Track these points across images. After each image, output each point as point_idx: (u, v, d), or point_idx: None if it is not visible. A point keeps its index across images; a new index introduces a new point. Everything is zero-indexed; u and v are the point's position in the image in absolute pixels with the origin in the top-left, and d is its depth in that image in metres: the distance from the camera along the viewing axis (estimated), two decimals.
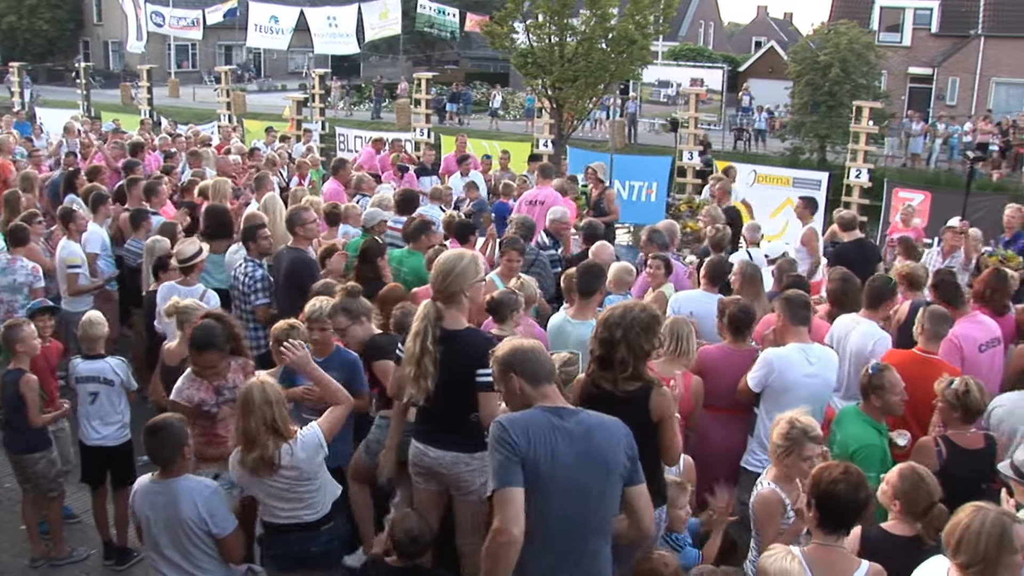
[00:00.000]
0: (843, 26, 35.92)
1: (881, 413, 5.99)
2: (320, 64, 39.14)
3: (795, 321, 6.55)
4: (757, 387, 6.49)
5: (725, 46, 69.76)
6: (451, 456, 5.68)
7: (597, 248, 9.26)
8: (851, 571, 4.30)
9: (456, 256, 5.62)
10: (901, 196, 18.87)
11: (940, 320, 6.86)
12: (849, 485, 4.37)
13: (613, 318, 5.12)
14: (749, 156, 34.64)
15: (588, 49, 24.98)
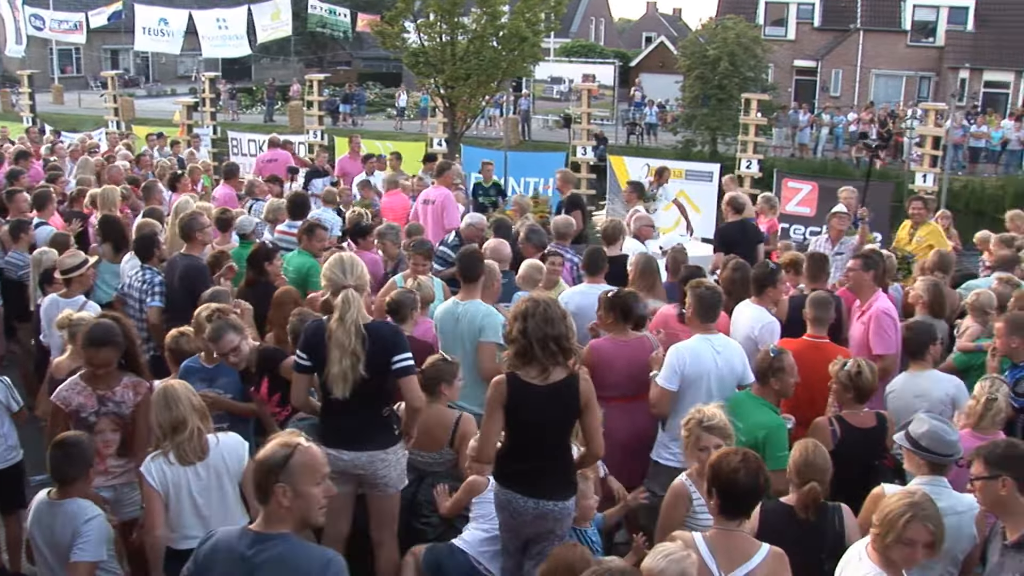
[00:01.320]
0: (730, 21, 36.62)
1: (777, 396, 6.13)
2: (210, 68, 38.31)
3: (706, 319, 6.61)
4: (673, 384, 6.43)
5: (616, 42, 70.40)
6: (366, 456, 5.66)
7: (493, 244, 9.24)
8: (752, 553, 4.36)
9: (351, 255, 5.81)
10: (790, 186, 19.26)
11: (823, 305, 7.04)
12: (748, 471, 4.42)
13: (525, 310, 5.19)
14: (642, 150, 35.07)
15: (479, 47, 24.98)
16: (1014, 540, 4.32)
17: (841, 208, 11.63)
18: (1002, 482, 4.30)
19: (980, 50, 44.62)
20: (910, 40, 46.81)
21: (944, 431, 5.08)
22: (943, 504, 4.94)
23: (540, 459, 5.31)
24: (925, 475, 5.06)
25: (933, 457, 5.03)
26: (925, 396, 6.45)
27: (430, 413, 6.23)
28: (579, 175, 21.78)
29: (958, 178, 31.95)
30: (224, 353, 6.32)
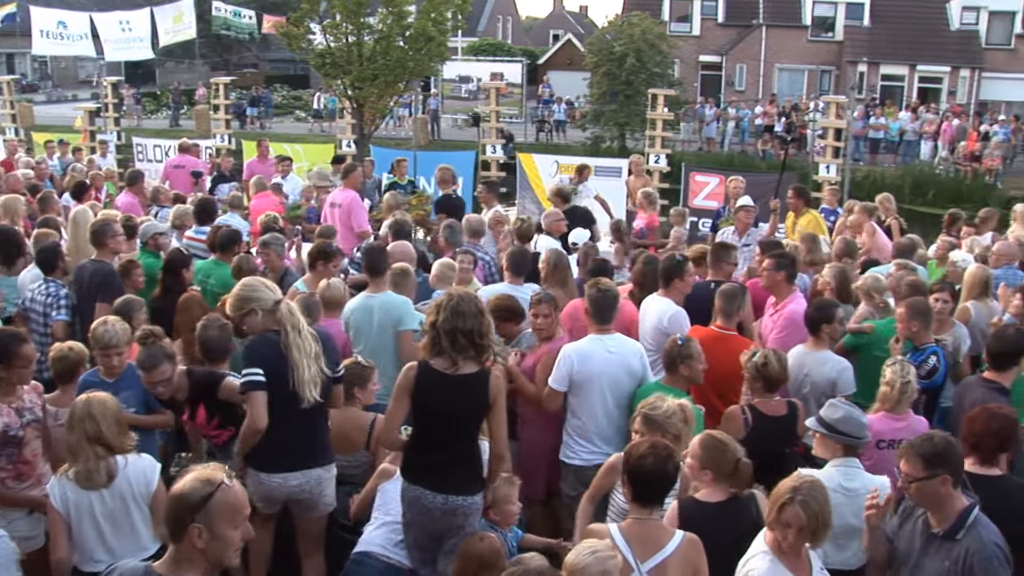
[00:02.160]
0: (636, 18, 36.97)
1: (687, 383, 6.22)
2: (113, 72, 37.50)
3: (600, 320, 6.65)
4: (562, 385, 6.49)
5: (524, 40, 70.67)
6: (315, 477, 5.68)
7: (398, 245, 9.21)
8: (666, 541, 4.44)
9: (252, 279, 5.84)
10: (698, 180, 19.54)
11: (730, 298, 7.15)
12: (657, 459, 4.50)
13: (441, 302, 5.25)
14: (551, 147, 35.19)
15: (386, 47, 24.86)
16: (944, 530, 4.41)
17: (747, 201, 11.83)
18: (941, 480, 4.36)
19: (876, 44, 45.86)
20: (811, 35, 47.86)
21: (857, 415, 5.30)
22: (856, 484, 5.15)
23: (447, 452, 5.32)
24: (839, 457, 5.22)
25: (849, 440, 5.21)
26: (811, 375, 6.69)
27: (345, 416, 6.23)
28: (489, 173, 21.86)
29: (860, 168, 32.71)
30: (154, 382, 5.92)
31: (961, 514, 4.39)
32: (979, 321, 8.25)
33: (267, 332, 5.53)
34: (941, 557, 4.39)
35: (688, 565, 4.43)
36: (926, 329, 7.08)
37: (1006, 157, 34.22)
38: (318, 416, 5.69)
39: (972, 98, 44.99)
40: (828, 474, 5.06)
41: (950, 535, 4.39)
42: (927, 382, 6.83)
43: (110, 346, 6.23)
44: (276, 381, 5.40)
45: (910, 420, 6.06)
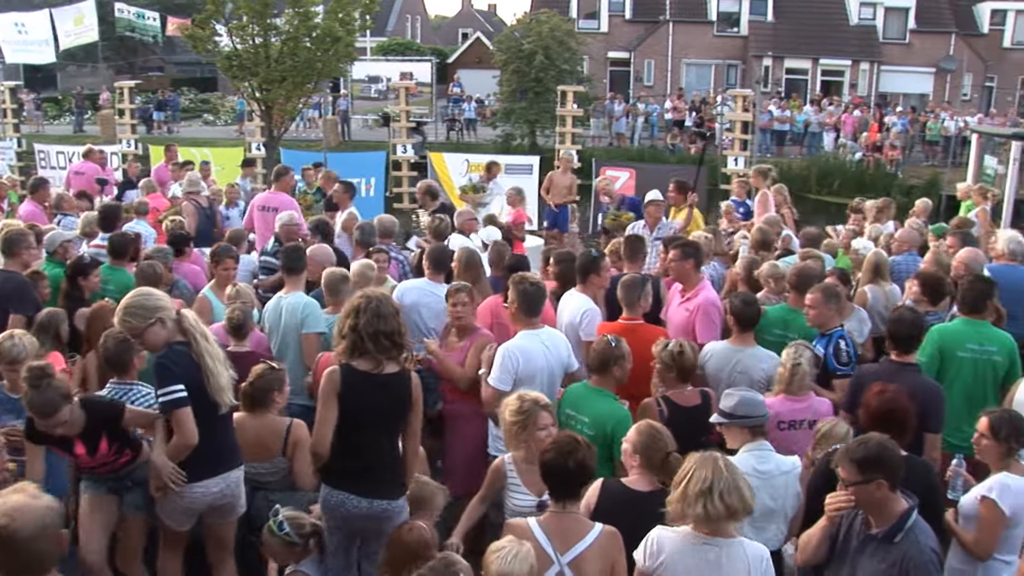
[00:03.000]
0: (544, 15, 37.14)
1: (616, 383, 6.15)
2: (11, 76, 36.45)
3: (530, 314, 6.66)
4: (507, 385, 6.36)
5: (433, 39, 70.48)
6: (234, 477, 5.62)
7: (316, 247, 9.16)
8: (584, 533, 4.50)
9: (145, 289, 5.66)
10: (609, 174, 19.66)
11: (632, 288, 7.19)
12: (560, 454, 4.56)
13: (358, 306, 5.24)
14: (462, 146, 35.18)
15: (294, 48, 24.59)
16: (881, 531, 4.43)
17: (656, 195, 11.93)
18: (876, 484, 4.37)
19: (780, 39, 46.96)
20: (716, 31, 48.70)
21: (750, 395, 5.41)
22: (769, 467, 5.25)
23: (372, 455, 5.31)
24: (749, 442, 5.31)
25: (752, 421, 5.31)
26: (746, 373, 6.69)
27: (262, 422, 6.17)
28: (401, 173, 21.78)
29: (767, 160, 33.20)
30: (53, 427, 5.36)
31: (900, 517, 4.39)
32: (876, 304, 8.50)
33: (172, 344, 5.34)
34: (878, 559, 4.41)
35: (606, 557, 4.48)
36: (837, 313, 7.20)
37: (905, 147, 35.19)
38: (229, 419, 5.65)
39: (872, 90, 46.37)
40: (741, 460, 5.10)
41: (888, 538, 4.40)
42: (847, 368, 6.96)
43: (16, 361, 6.02)
44: (196, 393, 5.27)
45: (811, 401, 6.18)
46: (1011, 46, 48.89)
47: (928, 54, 47.73)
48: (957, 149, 33.64)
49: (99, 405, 5.70)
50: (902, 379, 6.06)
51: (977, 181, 17.76)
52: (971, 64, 47.46)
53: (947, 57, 47.29)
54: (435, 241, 9.87)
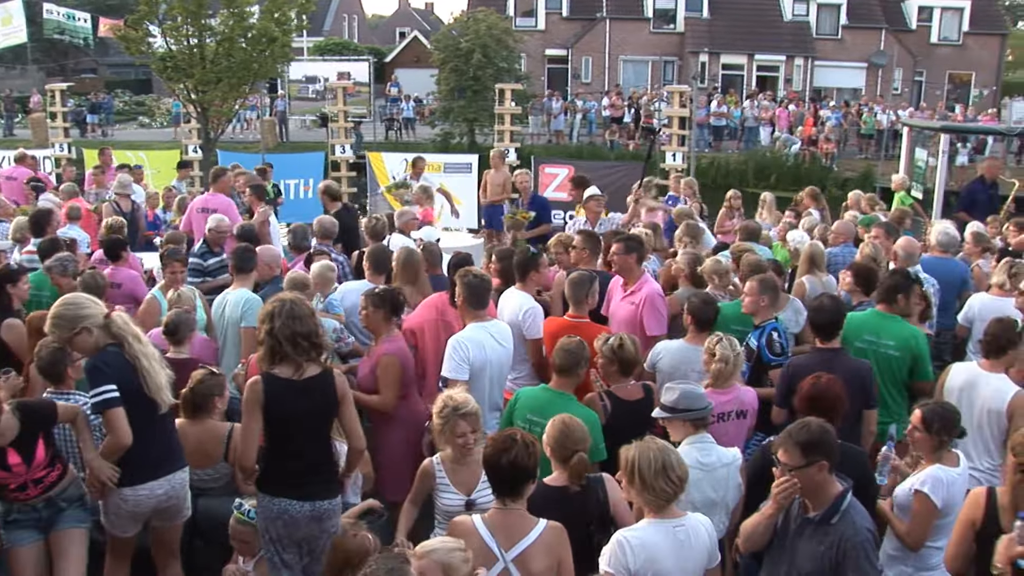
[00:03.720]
0: (481, 13, 37.11)
1: (576, 384, 6.13)
2: None
3: (477, 306, 6.69)
4: (463, 374, 6.43)
5: (370, 38, 70.27)
6: (179, 478, 5.60)
7: (263, 249, 9.07)
8: (529, 529, 4.51)
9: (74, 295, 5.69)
10: (548, 172, 19.75)
11: (580, 285, 7.21)
12: (517, 453, 4.54)
13: (272, 310, 5.22)
14: (401, 145, 35.05)
15: (229, 49, 24.44)
16: (818, 514, 4.50)
17: (595, 191, 12.00)
18: (818, 467, 4.44)
19: (716, 35, 47.46)
20: (653, 27, 49.02)
21: (691, 388, 5.46)
22: (712, 458, 5.32)
23: (306, 458, 5.30)
24: (691, 435, 5.36)
25: (695, 415, 5.35)
26: (703, 372, 6.62)
27: (203, 428, 6.12)
28: (339, 174, 21.67)
29: (705, 155, 33.60)
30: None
31: (836, 499, 4.48)
32: (813, 294, 8.59)
33: (104, 349, 5.33)
34: (816, 541, 4.48)
35: (551, 552, 4.50)
36: (772, 305, 7.28)
37: (839, 141, 35.73)
38: (171, 420, 5.64)
39: (806, 85, 47.06)
40: (684, 452, 5.14)
41: (825, 520, 4.47)
42: (781, 359, 7.02)
43: None
44: (132, 394, 5.25)
45: (737, 392, 6.25)
46: (938, 42, 50.05)
47: (860, 49, 48.59)
48: (890, 142, 34.18)
49: (32, 405, 5.59)
50: (833, 364, 6.22)
51: (909, 173, 18.12)
52: (901, 59, 48.44)
53: (878, 52, 48.15)
54: (372, 242, 9.82)
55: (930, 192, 17.40)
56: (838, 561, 4.39)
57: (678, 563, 4.40)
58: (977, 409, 6.35)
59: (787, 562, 4.62)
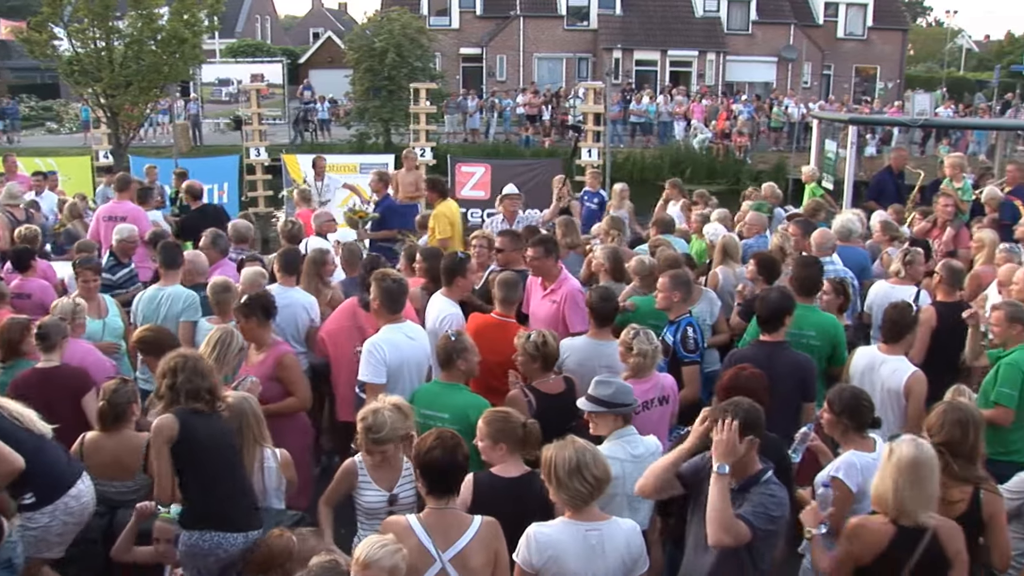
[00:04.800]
0: (395, 13, 36.94)
1: (465, 376, 6.21)
2: None
3: (393, 310, 6.70)
4: (381, 377, 6.47)
5: (283, 39, 69.52)
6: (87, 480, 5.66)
7: (191, 255, 9.00)
8: (465, 528, 4.52)
9: None
10: (464, 171, 19.75)
11: (510, 286, 7.25)
12: (444, 450, 4.58)
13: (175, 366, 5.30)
14: (316, 146, 34.68)
15: (138, 52, 24.04)
16: (738, 484, 4.63)
17: (512, 190, 12.05)
18: (750, 443, 4.58)
19: (629, 32, 47.97)
20: (566, 24, 49.33)
21: (622, 384, 5.52)
22: (640, 450, 5.39)
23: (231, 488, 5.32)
24: (618, 428, 5.40)
25: (626, 410, 5.42)
26: (611, 367, 6.67)
27: (119, 440, 5.99)
28: (255, 177, 21.43)
29: (620, 151, 33.93)
30: None
31: (757, 474, 4.65)
32: (726, 285, 8.83)
33: None
34: (734, 508, 4.57)
35: (488, 549, 4.52)
36: (685, 300, 7.38)
37: (752, 134, 36.31)
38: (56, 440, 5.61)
39: (719, 80, 47.78)
40: (613, 446, 5.25)
41: (743, 489, 4.63)
42: (695, 355, 7.13)
43: None
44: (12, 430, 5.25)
45: (656, 378, 6.35)
46: (844, 36, 51.66)
47: (770, 44, 49.62)
48: (801, 135, 34.82)
49: None
50: (775, 357, 6.42)
51: (820, 165, 18.52)
52: (810, 53, 49.53)
53: (787, 47, 49.13)
54: (287, 244, 9.76)
55: (840, 183, 17.79)
56: (745, 512, 4.52)
57: (585, 567, 4.41)
58: (878, 390, 6.55)
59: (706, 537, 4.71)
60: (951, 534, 4.54)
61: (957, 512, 4.88)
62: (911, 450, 4.50)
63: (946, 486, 4.83)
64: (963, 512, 4.92)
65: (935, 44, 78.20)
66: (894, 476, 4.50)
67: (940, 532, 4.53)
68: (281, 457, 5.87)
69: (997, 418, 6.56)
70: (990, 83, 50.52)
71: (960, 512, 4.90)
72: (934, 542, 4.50)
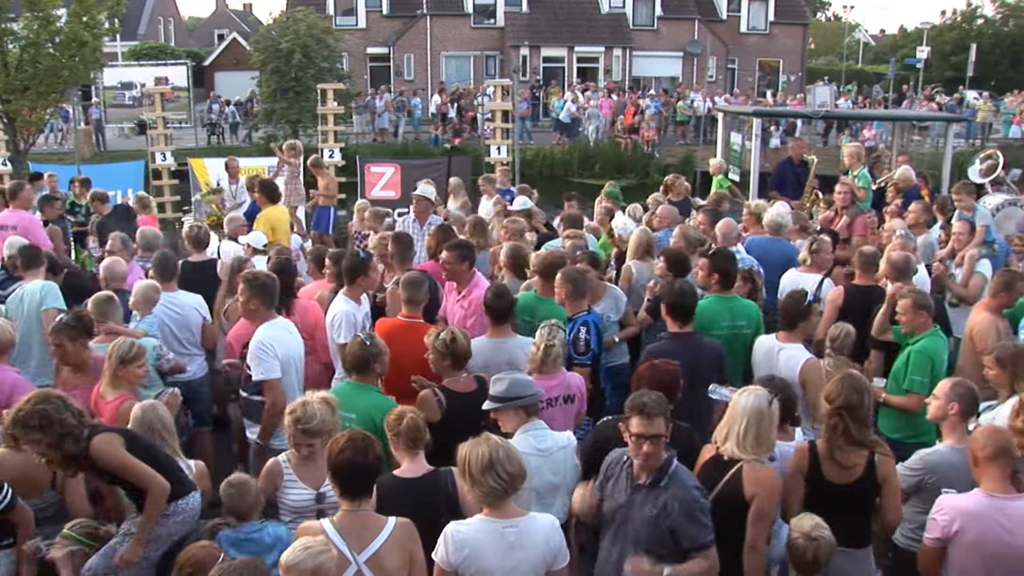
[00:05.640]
0: (301, 13, 36.53)
1: (377, 378, 6.23)
2: None
3: (268, 306, 6.81)
4: (275, 372, 6.57)
5: (187, 41, 68.51)
6: None
7: (109, 263, 8.86)
8: (380, 529, 4.52)
9: None
10: (373, 171, 19.67)
11: (415, 286, 7.20)
12: (356, 451, 4.57)
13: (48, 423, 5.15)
14: (224, 150, 34.22)
15: (35, 55, 23.40)
16: (648, 480, 4.76)
17: (426, 190, 12.00)
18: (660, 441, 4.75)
19: (536, 29, 48.26)
20: (474, 23, 49.41)
21: (520, 377, 5.59)
22: (548, 444, 5.44)
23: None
24: (524, 423, 5.44)
25: (526, 401, 5.44)
26: (513, 363, 6.72)
27: (24, 458, 5.79)
28: (161, 182, 21.09)
29: (530, 147, 34.09)
30: None
31: (664, 465, 4.75)
32: (640, 279, 8.88)
33: None
34: (649, 506, 4.72)
35: (403, 550, 4.53)
36: (576, 297, 7.41)
37: (659, 128, 36.77)
38: None
39: (625, 75, 48.34)
40: (520, 441, 5.27)
41: (655, 483, 4.73)
42: (585, 358, 7.19)
43: None
44: None
45: (563, 376, 6.39)
46: (747, 31, 52.77)
47: (675, 39, 50.39)
48: (707, 128, 35.35)
49: None
50: (689, 347, 6.57)
51: (726, 157, 18.86)
52: (714, 48, 50.48)
53: (692, 42, 49.93)
54: (193, 250, 9.65)
55: (746, 174, 18.15)
56: (671, 520, 4.65)
57: (504, 563, 4.44)
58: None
59: (623, 534, 4.84)
60: (754, 477, 4.95)
61: (855, 476, 5.26)
62: (751, 398, 5.09)
63: (844, 451, 5.27)
64: (860, 476, 5.26)
65: (834, 38, 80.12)
66: (731, 414, 5.11)
67: (745, 470, 4.97)
68: (196, 469, 5.83)
69: (909, 405, 6.80)
70: (887, 75, 52.04)
71: (857, 476, 5.26)
72: (736, 475, 5.00)
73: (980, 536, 4.79)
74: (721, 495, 5.02)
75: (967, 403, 5.66)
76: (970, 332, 7.83)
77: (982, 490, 4.89)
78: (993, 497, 4.83)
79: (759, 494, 4.92)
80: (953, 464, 5.28)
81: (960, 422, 5.60)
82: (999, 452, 4.86)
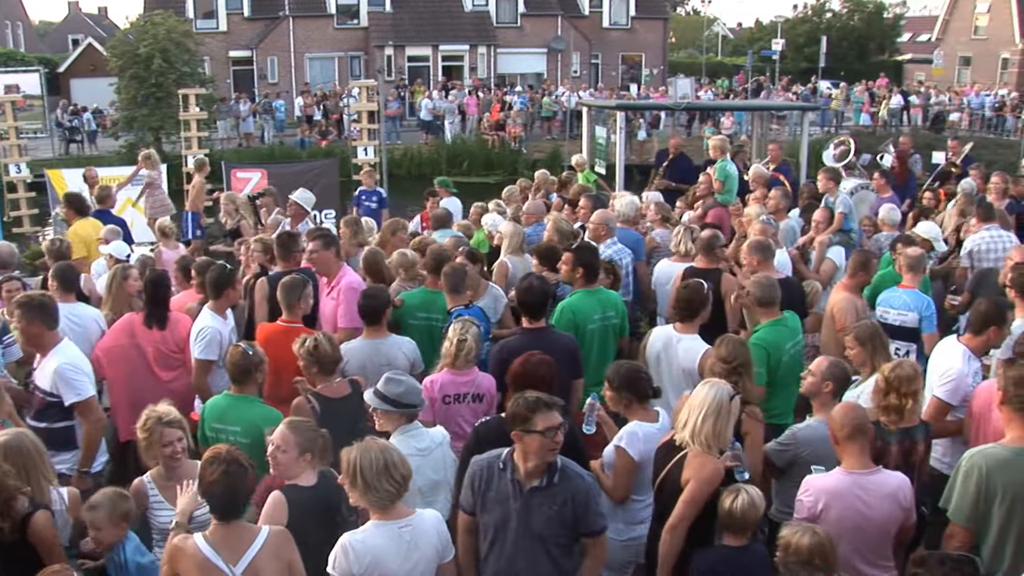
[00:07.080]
0: (159, 16, 35.62)
1: (259, 388, 6.23)
2: None
3: (51, 326, 6.55)
4: (90, 391, 6.46)
5: (39, 47, 66.25)
6: None
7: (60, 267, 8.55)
8: (253, 539, 4.50)
9: None
10: (240, 176, 19.37)
11: (291, 289, 7.17)
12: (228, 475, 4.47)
13: None
14: (84, 160, 33.16)
15: None
16: (542, 480, 4.77)
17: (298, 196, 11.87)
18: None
19: (400, 28, 48.17)
20: (337, 23, 48.95)
21: (414, 383, 5.59)
22: (426, 443, 5.54)
23: None
24: (404, 425, 5.48)
25: (413, 411, 5.51)
26: (391, 364, 6.73)
27: None
28: (17, 195, 20.29)
29: (397, 147, 34.02)
30: None
31: (550, 466, 4.76)
32: (516, 274, 8.90)
33: None
34: (547, 506, 4.73)
35: (280, 558, 4.52)
36: (453, 292, 7.56)
37: (526, 124, 37.11)
38: None
39: (491, 73, 48.63)
40: (400, 441, 5.27)
41: (549, 483, 4.75)
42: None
43: None
44: None
45: (474, 375, 6.45)
46: (609, 26, 53.48)
47: (539, 36, 50.90)
48: (573, 123, 35.78)
49: None
50: (544, 341, 6.59)
51: (592, 151, 19.19)
52: (578, 44, 51.11)
53: (556, 38, 50.50)
54: (54, 263, 9.38)
55: (612, 167, 18.49)
56: (575, 514, 4.75)
57: (405, 564, 4.48)
58: (675, 369, 6.88)
59: (517, 535, 4.80)
60: (694, 464, 5.06)
61: None
62: (713, 391, 5.18)
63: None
64: None
65: (694, 32, 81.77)
66: (692, 404, 5.19)
67: (689, 457, 5.10)
68: (70, 497, 5.63)
69: None
70: (744, 67, 53.52)
71: None
72: (680, 461, 5.11)
73: (842, 512, 5.01)
74: (665, 479, 5.18)
75: (840, 383, 5.95)
76: (831, 311, 8.21)
77: (843, 468, 5.14)
78: (852, 474, 5.08)
79: (693, 480, 5.00)
80: (824, 438, 5.45)
81: (831, 399, 5.83)
82: (856, 430, 5.10)
